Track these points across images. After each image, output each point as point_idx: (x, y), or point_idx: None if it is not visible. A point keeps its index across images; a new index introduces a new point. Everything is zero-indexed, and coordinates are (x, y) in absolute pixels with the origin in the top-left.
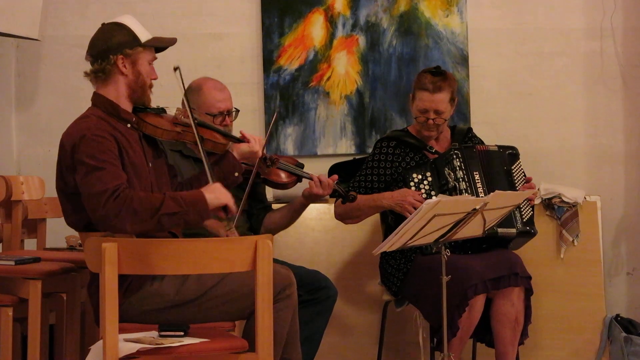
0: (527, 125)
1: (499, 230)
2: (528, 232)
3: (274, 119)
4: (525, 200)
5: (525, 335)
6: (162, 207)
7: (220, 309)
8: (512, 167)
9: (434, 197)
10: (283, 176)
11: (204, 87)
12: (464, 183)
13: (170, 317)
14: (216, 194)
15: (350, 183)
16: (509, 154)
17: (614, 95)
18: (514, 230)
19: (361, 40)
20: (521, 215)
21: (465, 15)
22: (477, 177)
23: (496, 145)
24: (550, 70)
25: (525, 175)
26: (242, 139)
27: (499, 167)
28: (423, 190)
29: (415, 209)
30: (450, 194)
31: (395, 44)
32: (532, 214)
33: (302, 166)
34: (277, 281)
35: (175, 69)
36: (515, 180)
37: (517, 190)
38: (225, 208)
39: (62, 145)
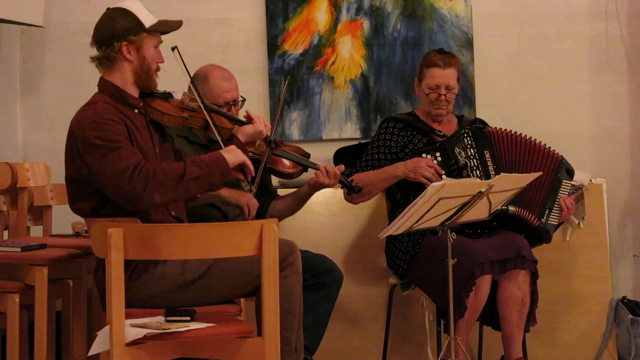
0: (532, 108)
1: (525, 213)
2: (546, 233)
3: (282, 97)
4: (559, 211)
5: (532, 321)
6: (186, 173)
7: (225, 284)
8: (564, 180)
9: (443, 177)
10: (289, 165)
11: (210, 76)
12: (474, 161)
13: (177, 299)
14: (233, 153)
15: (357, 163)
16: (567, 170)
17: (619, 77)
18: (536, 221)
19: (365, 24)
20: (549, 216)
21: None
22: (487, 156)
23: (561, 155)
24: (555, 53)
25: (568, 194)
26: (247, 121)
27: (552, 173)
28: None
29: (430, 174)
30: (460, 172)
31: (400, 28)
32: (556, 226)
33: (308, 156)
34: (280, 249)
35: (173, 48)
36: (560, 190)
37: (557, 199)
38: (242, 168)
39: (72, 132)
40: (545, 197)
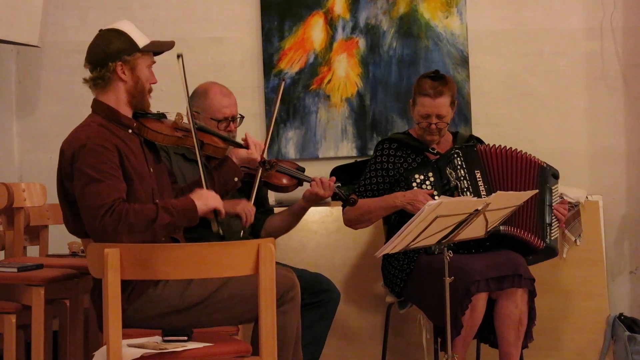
0: (528, 125)
1: (531, 237)
2: (551, 251)
3: (277, 99)
4: (557, 222)
5: (529, 339)
6: (157, 219)
7: (224, 313)
8: (553, 187)
9: (436, 198)
10: (283, 179)
11: (210, 91)
12: (465, 182)
13: (174, 322)
14: (204, 199)
15: (356, 187)
16: (552, 174)
17: (615, 94)
18: (543, 243)
19: (361, 42)
20: (550, 233)
21: (465, 16)
22: (478, 176)
23: (545, 162)
24: (551, 71)
25: (560, 197)
26: (241, 144)
27: (543, 183)
28: None
29: None
30: (452, 194)
31: (395, 46)
32: (557, 237)
33: (302, 170)
34: (280, 284)
35: (179, 56)
36: (552, 198)
37: (552, 208)
38: (215, 211)
39: (63, 153)
40: (542, 214)
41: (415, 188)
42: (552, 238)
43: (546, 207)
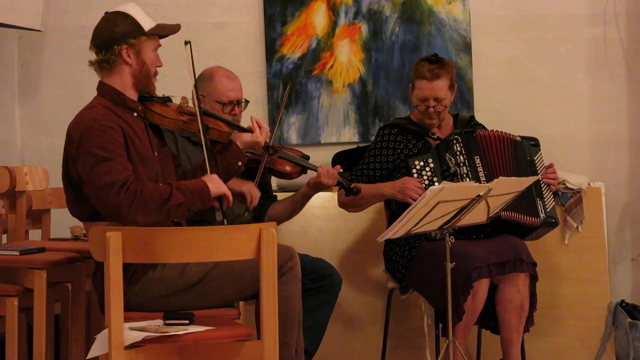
0: (530, 111)
1: (523, 218)
2: (551, 223)
3: (283, 103)
4: (548, 190)
5: (530, 323)
6: (171, 197)
7: (223, 290)
8: (535, 157)
9: (436, 184)
10: (287, 166)
11: (215, 75)
12: (464, 168)
13: (175, 303)
14: (215, 183)
15: (353, 171)
16: (532, 145)
17: (618, 81)
18: (538, 220)
19: (364, 28)
20: (544, 206)
21: (468, 2)
22: (477, 161)
23: (519, 136)
24: (554, 57)
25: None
26: (246, 129)
27: (521, 156)
28: (425, 177)
29: (417, 196)
30: (452, 180)
31: (398, 32)
32: (554, 205)
33: (307, 158)
34: (279, 255)
35: (187, 43)
36: (537, 169)
37: (540, 179)
38: (221, 198)
39: (69, 135)
40: (530, 190)
41: (406, 177)
42: (548, 210)
43: (535, 185)
